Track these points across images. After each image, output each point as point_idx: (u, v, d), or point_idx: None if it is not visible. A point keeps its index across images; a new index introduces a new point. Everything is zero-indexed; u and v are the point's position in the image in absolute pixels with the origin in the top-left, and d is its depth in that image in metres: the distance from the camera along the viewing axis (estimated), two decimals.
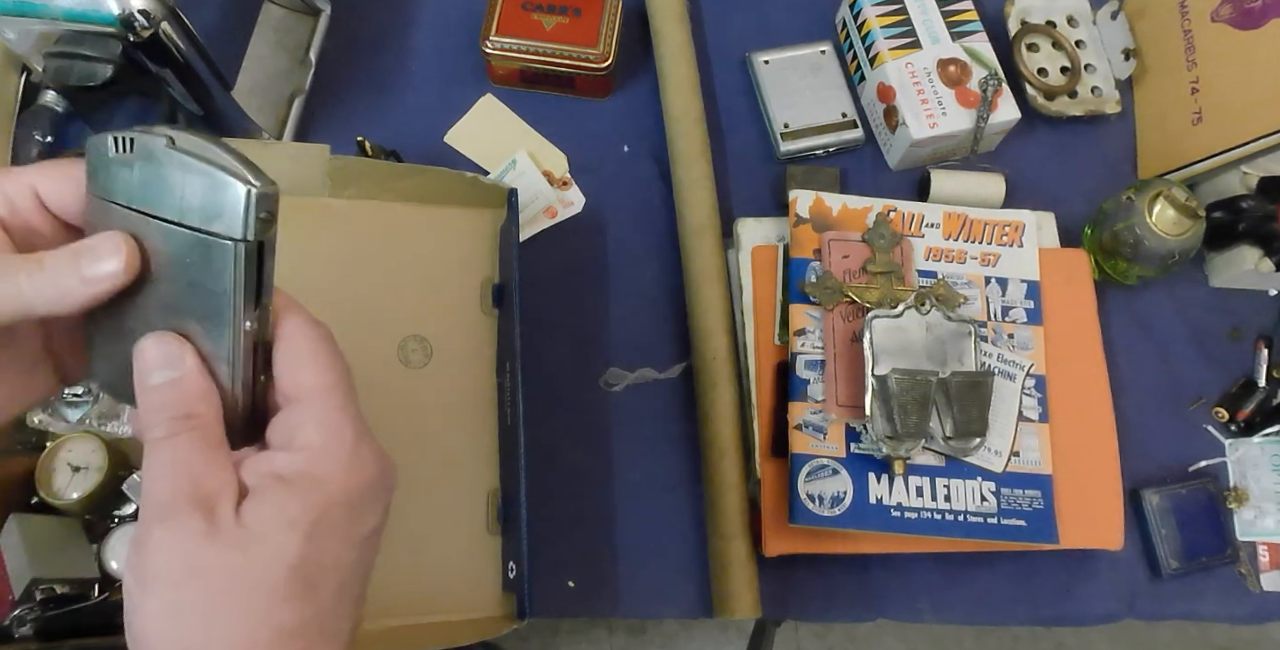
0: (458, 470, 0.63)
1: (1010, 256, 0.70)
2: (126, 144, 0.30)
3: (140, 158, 0.30)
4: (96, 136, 0.31)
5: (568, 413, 0.70)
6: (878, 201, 0.71)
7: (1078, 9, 0.82)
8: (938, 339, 0.64)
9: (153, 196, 0.31)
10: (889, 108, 0.75)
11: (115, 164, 0.31)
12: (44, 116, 0.70)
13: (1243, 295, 0.79)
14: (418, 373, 0.64)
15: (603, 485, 0.69)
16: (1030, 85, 0.78)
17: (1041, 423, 0.67)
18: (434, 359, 0.64)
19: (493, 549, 0.62)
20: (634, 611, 0.67)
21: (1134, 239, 0.70)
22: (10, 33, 0.58)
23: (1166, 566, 0.70)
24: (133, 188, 0.31)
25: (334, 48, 0.76)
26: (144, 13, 0.55)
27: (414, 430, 0.62)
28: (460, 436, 0.63)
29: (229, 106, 0.65)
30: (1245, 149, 0.70)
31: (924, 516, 0.63)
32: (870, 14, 0.76)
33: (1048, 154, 0.81)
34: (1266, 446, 0.73)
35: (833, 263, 0.68)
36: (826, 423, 0.64)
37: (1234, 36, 0.72)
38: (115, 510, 0.65)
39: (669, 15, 0.77)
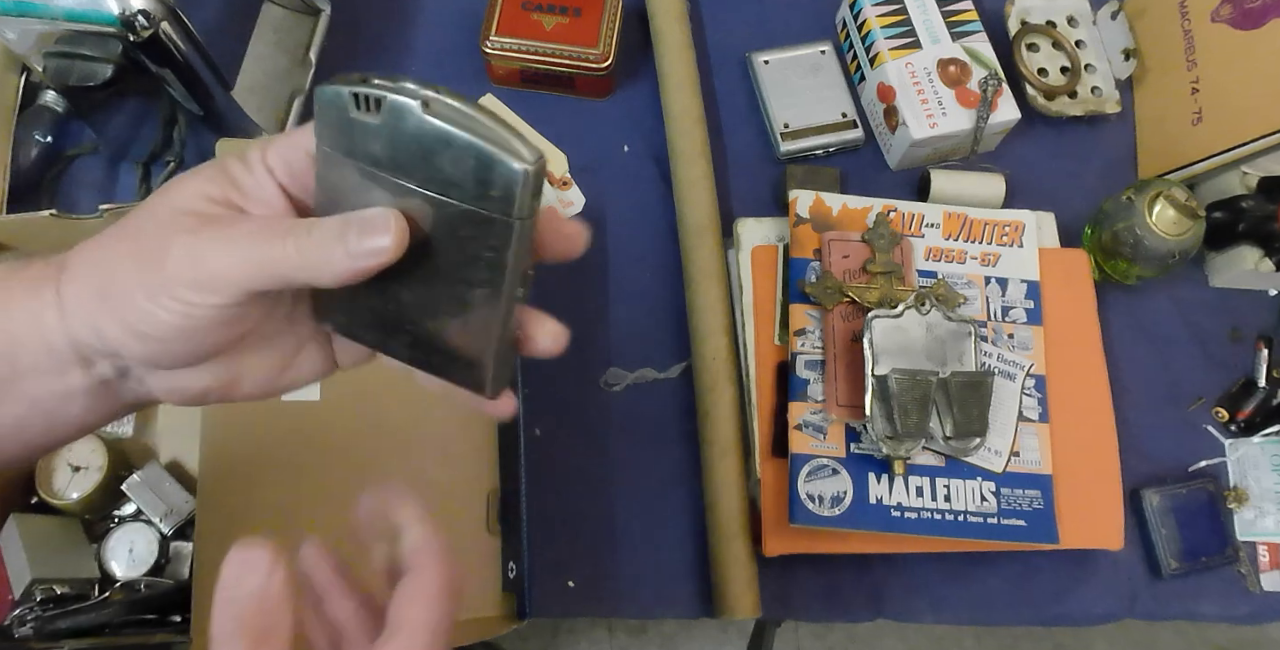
0: (458, 470, 0.63)
1: (1010, 256, 0.70)
2: (371, 103, 0.27)
3: (390, 120, 0.27)
4: (329, 89, 0.28)
5: (568, 413, 0.70)
6: (878, 201, 0.71)
7: (1078, 9, 0.82)
8: (938, 339, 0.64)
9: (406, 163, 0.28)
10: (889, 108, 0.75)
11: (358, 124, 0.28)
12: (44, 116, 0.70)
13: (1243, 295, 0.79)
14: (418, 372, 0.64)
15: (603, 485, 0.69)
16: (1030, 85, 0.78)
17: (1041, 423, 0.67)
18: None
19: (492, 549, 0.62)
20: (634, 611, 0.67)
21: (1134, 239, 0.70)
22: (10, 33, 0.58)
23: (1166, 566, 0.70)
24: (380, 151, 0.28)
25: (334, 48, 0.76)
26: (144, 13, 0.55)
27: (414, 430, 0.62)
28: (460, 436, 0.63)
29: (229, 106, 0.65)
30: (1245, 149, 0.70)
31: (924, 516, 0.63)
32: (870, 14, 0.76)
33: (1048, 154, 0.81)
34: (1266, 446, 0.73)
35: (833, 263, 0.68)
36: (826, 423, 0.64)
37: (1234, 36, 0.72)
38: (115, 510, 0.65)
39: (669, 15, 0.77)
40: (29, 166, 0.69)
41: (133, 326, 0.30)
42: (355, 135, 0.28)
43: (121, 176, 0.73)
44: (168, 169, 0.71)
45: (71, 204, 0.71)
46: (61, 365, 0.31)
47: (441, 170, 0.28)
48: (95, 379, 0.32)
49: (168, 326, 0.29)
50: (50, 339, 0.31)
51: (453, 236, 0.29)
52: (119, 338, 0.30)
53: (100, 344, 0.31)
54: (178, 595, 0.60)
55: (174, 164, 0.71)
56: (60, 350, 0.31)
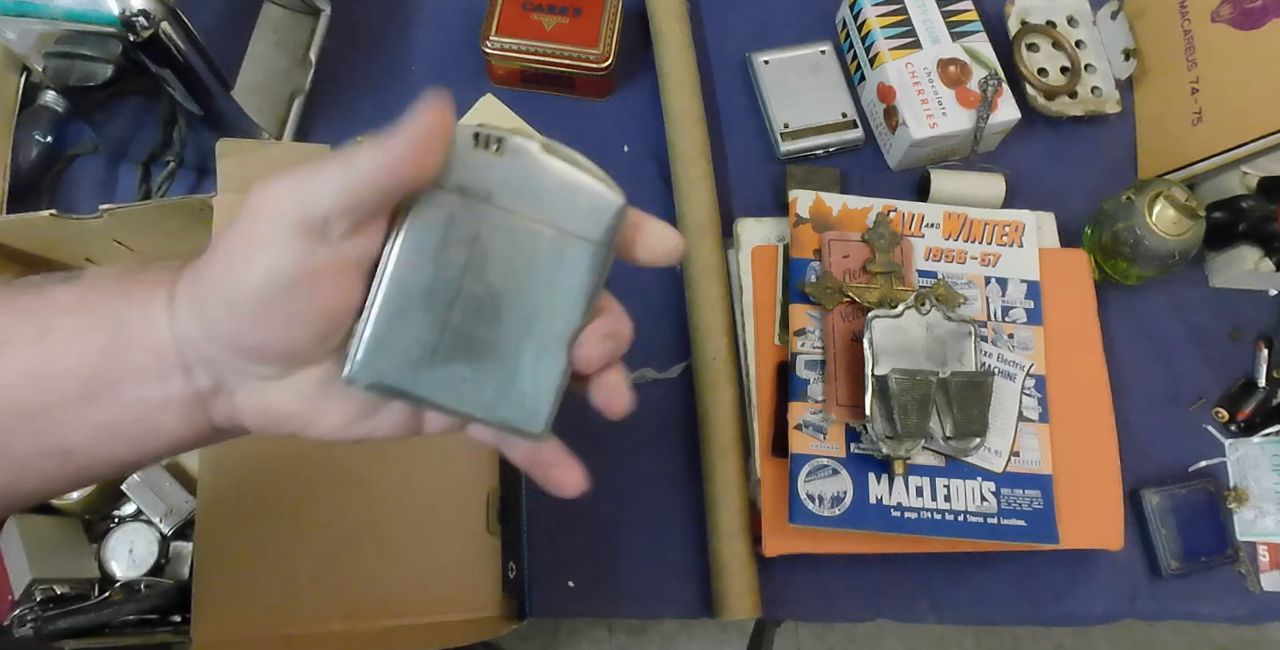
0: (457, 470, 0.62)
1: (1010, 256, 0.70)
2: (492, 141, 0.31)
3: (509, 156, 0.31)
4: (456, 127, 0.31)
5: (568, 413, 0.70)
6: (878, 201, 0.70)
7: (1078, 9, 0.82)
8: (938, 339, 0.64)
9: (511, 194, 0.32)
10: (889, 108, 0.75)
11: (473, 159, 0.31)
12: (44, 116, 0.70)
13: (1243, 295, 0.79)
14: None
15: (603, 485, 0.69)
16: (1030, 85, 0.78)
17: (1041, 423, 0.67)
18: None
19: (492, 549, 0.62)
20: (634, 611, 0.67)
21: (1134, 239, 0.70)
22: (10, 33, 0.58)
23: (1166, 566, 0.70)
24: (489, 183, 0.31)
25: (334, 48, 0.76)
26: (144, 13, 0.55)
27: None
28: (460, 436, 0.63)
29: (229, 106, 0.65)
30: (1245, 149, 0.70)
31: (924, 516, 0.63)
32: (870, 14, 0.76)
33: (1048, 154, 0.81)
34: (1266, 446, 0.73)
35: (833, 263, 0.68)
36: (826, 423, 0.64)
37: (1234, 36, 0.72)
38: (115, 510, 0.65)
39: (669, 15, 0.77)
40: (29, 166, 0.69)
41: (219, 293, 0.30)
42: (466, 169, 0.31)
43: (121, 176, 0.73)
44: (168, 169, 0.71)
45: (71, 204, 0.71)
46: (164, 370, 0.31)
47: (546, 202, 0.32)
48: (192, 390, 0.32)
49: (255, 287, 0.29)
50: (157, 339, 0.31)
51: (541, 263, 0.32)
52: (216, 318, 0.30)
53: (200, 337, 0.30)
54: (178, 595, 0.60)
55: (174, 164, 0.71)
56: (165, 353, 0.31)
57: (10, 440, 0.31)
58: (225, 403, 0.32)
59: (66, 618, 0.57)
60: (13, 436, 0.31)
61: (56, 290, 0.32)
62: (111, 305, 0.31)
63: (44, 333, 0.30)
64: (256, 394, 0.32)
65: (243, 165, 0.60)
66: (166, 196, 0.71)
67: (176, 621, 0.59)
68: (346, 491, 0.60)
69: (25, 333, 0.30)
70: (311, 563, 0.57)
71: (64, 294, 0.31)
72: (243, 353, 0.31)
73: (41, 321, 0.31)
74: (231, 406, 0.32)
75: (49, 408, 0.31)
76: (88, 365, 0.30)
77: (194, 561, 0.55)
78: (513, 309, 0.33)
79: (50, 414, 0.31)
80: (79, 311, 0.31)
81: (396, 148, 0.29)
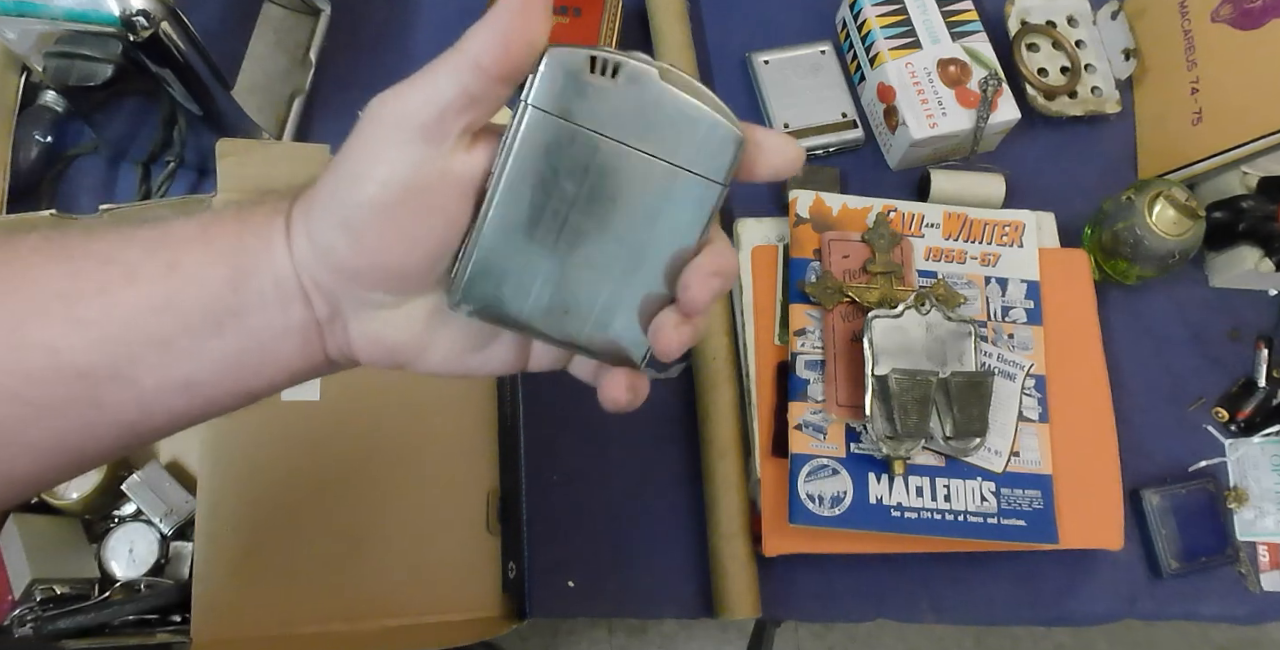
0: (458, 470, 0.63)
1: (1010, 256, 0.70)
2: (609, 67, 0.29)
3: (625, 84, 0.30)
4: (565, 50, 0.30)
5: (568, 413, 0.70)
6: (878, 201, 0.70)
7: (1078, 9, 0.82)
8: (938, 339, 0.64)
9: (626, 124, 0.30)
10: (889, 108, 0.75)
11: (589, 87, 0.30)
12: (44, 116, 0.70)
13: (1243, 295, 0.79)
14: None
15: (603, 485, 0.69)
16: (1030, 85, 0.78)
17: (1041, 423, 0.67)
18: None
19: (492, 549, 0.62)
20: (634, 611, 0.67)
21: (1134, 239, 0.70)
22: (10, 33, 0.58)
23: (1166, 566, 0.70)
24: (603, 112, 0.30)
25: (334, 48, 0.76)
26: (144, 13, 0.55)
27: (414, 430, 0.62)
28: (460, 436, 0.63)
29: (229, 106, 0.65)
30: (1245, 149, 0.70)
31: (924, 516, 0.63)
32: (870, 14, 0.76)
33: (1048, 154, 0.81)
34: (1266, 446, 0.73)
35: (833, 263, 0.68)
36: (826, 423, 0.64)
37: (1234, 36, 0.72)
38: (115, 510, 0.65)
39: (669, 15, 0.77)
40: (29, 166, 0.69)
41: (333, 213, 0.30)
42: (579, 96, 0.30)
43: (121, 176, 0.73)
44: (168, 169, 0.71)
45: (71, 204, 0.71)
46: (286, 297, 0.31)
47: (662, 133, 0.30)
48: (312, 318, 0.32)
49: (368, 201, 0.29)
50: (278, 267, 0.31)
51: (652, 196, 0.31)
52: (329, 241, 0.30)
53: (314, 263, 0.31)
54: (178, 595, 0.59)
55: (174, 164, 0.71)
56: (286, 281, 0.31)
57: (139, 373, 0.31)
58: (340, 332, 0.33)
59: (66, 618, 0.57)
60: (141, 369, 0.31)
61: (176, 224, 0.32)
62: (232, 237, 0.31)
63: (171, 265, 0.31)
64: (369, 324, 0.32)
65: (243, 165, 0.60)
66: (166, 196, 0.71)
67: (176, 621, 0.59)
68: (346, 491, 0.60)
69: (153, 265, 0.31)
70: (311, 563, 0.57)
71: (185, 227, 0.32)
72: (355, 276, 0.31)
73: (167, 254, 0.31)
74: (346, 337, 0.33)
75: (176, 338, 0.31)
76: (214, 295, 0.31)
77: (194, 561, 0.55)
78: (620, 240, 0.32)
79: (178, 345, 0.31)
80: (202, 244, 0.31)
81: (499, 18, 0.28)
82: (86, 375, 0.30)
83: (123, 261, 0.31)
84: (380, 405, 0.62)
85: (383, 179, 0.29)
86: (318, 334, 0.32)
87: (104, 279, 0.30)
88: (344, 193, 0.30)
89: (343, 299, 0.32)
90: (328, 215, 0.30)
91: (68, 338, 0.30)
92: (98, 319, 0.30)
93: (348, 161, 0.30)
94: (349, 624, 0.57)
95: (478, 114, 0.29)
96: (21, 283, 0.30)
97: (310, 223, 0.30)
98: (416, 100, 0.29)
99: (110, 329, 0.30)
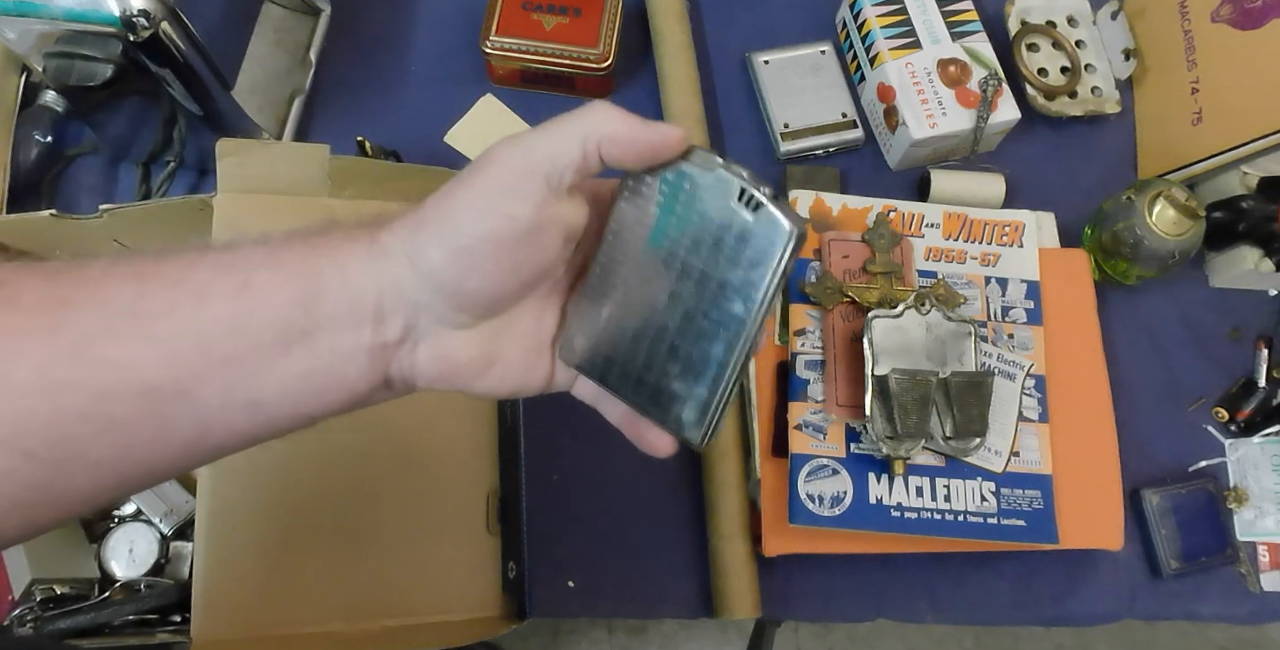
0: (457, 470, 0.63)
1: (1010, 256, 0.70)
2: (753, 204, 0.33)
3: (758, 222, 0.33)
4: (725, 172, 0.33)
5: (568, 413, 0.70)
6: (878, 201, 0.71)
7: (1078, 9, 0.82)
8: (938, 339, 0.64)
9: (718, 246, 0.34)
10: (889, 108, 0.75)
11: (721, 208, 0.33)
12: (44, 116, 0.70)
13: (1243, 295, 0.79)
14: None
15: (603, 485, 0.69)
16: (1030, 85, 0.78)
17: (1041, 423, 0.67)
18: None
19: (492, 549, 0.62)
20: (634, 611, 0.67)
21: (1134, 239, 0.70)
22: (10, 33, 0.58)
23: (1166, 566, 0.70)
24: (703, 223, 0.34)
25: (334, 48, 0.76)
26: (144, 13, 0.55)
27: (414, 430, 0.62)
28: (460, 436, 0.63)
29: (229, 106, 0.65)
30: (1245, 149, 0.70)
31: (924, 516, 0.63)
32: (870, 14, 0.76)
33: (1048, 154, 0.81)
34: (1266, 446, 0.73)
35: (833, 263, 0.68)
36: (826, 423, 0.64)
37: (1234, 36, 0.72)
38: (115, 510, 0.65)
39: (669, 15, 0.77)
40: (29, 166, 0.69)
41: (450, 240, 0.32)
42: (698, 207, 0.34)
43: (121, 176, 0.73)
44: (168, 169, 0.71)
45: (71, 204, 0.71)
46: (358, 319, 0.33)
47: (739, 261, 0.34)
48: (380, 340, 0.33)
49: (486, 232, 0.32)
50: (353, 288, 0.32)
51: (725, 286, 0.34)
52: (439, 264, 0.32)
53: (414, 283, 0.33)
54: (178, 595, 0.59)
55: (174, 164, 0.71)
56: (361, 302, 0.32)
57: (203, 392, 0.31)
58: (407, 353, 0.34)
59: (66, 618, 0.57)
60: (206, 387, 0.31)
61: (244, 248, 0.33)
62: (303, 261, 0.33)
63: (243, 285, 0.32)
64: (443, 342, 0.34)
65: (243, 165, 0.60)
66: (166, 196, 0.71)
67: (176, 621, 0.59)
68: (346, 491, 0.60)
69: (225, 284, 0.32)
70: (311, 563, 0.57)
71: (255, 252, 0.33)
72: (455, 296, 0.33)
73: (239, 275, 0.32)
74: (412, 357, 0.34)
75: (245, 357, 0.31)
76: (284, 316, 0.32)
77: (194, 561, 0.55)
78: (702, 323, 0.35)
79: (245, 363, 0.32)
80: (272, 266, 0.32)
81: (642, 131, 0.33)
82: (154, 392, 0.31)
83: (193, 281, 0.32)
84: (381, 406, 0.61)
85: (512, 214, 0.32)
86: (383, 355, 0.34)
87: (174, 298, 0.31)
88: (467, 223, 0.32)
89: (429, 318, 0.34)
90: (442, 241, 0.32)
91: (139, 355, 0.30)
92: (168, 337, 0.31)
93: (470, 194, 0.32)
94: (349, 624, 0.57)
95: (586, 175, 0.33)
96: (93, 302, 0.31)
97: (417, 247, 0.33)
98: (539, 152, 0.32)
99: (180, 347, 0.31)
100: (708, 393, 0.36)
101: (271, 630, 0.55)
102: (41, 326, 0.30)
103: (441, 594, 0.60)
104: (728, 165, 0.33)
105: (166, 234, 0.63)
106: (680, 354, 0.36)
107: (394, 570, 0.59)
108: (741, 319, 0.34)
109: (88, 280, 0.31)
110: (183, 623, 0.59)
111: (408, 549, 0.59)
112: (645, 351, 0.37)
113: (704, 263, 0.34)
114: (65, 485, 0.31)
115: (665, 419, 0.37)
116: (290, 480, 0.59)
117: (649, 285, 0.36)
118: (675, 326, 0.36)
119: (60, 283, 0.31)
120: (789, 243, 0.32)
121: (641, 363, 0.37)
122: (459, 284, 0.33)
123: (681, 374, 0.36)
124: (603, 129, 0.32)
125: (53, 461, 0.30)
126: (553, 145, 0.32)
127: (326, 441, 0.60)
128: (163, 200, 0.68)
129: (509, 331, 0.36)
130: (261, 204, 0.61)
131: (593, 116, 0.33)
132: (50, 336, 0.30)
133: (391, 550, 0.59)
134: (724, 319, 0.34)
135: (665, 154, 0.33)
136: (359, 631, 0.56)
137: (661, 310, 0.36)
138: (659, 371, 0.37)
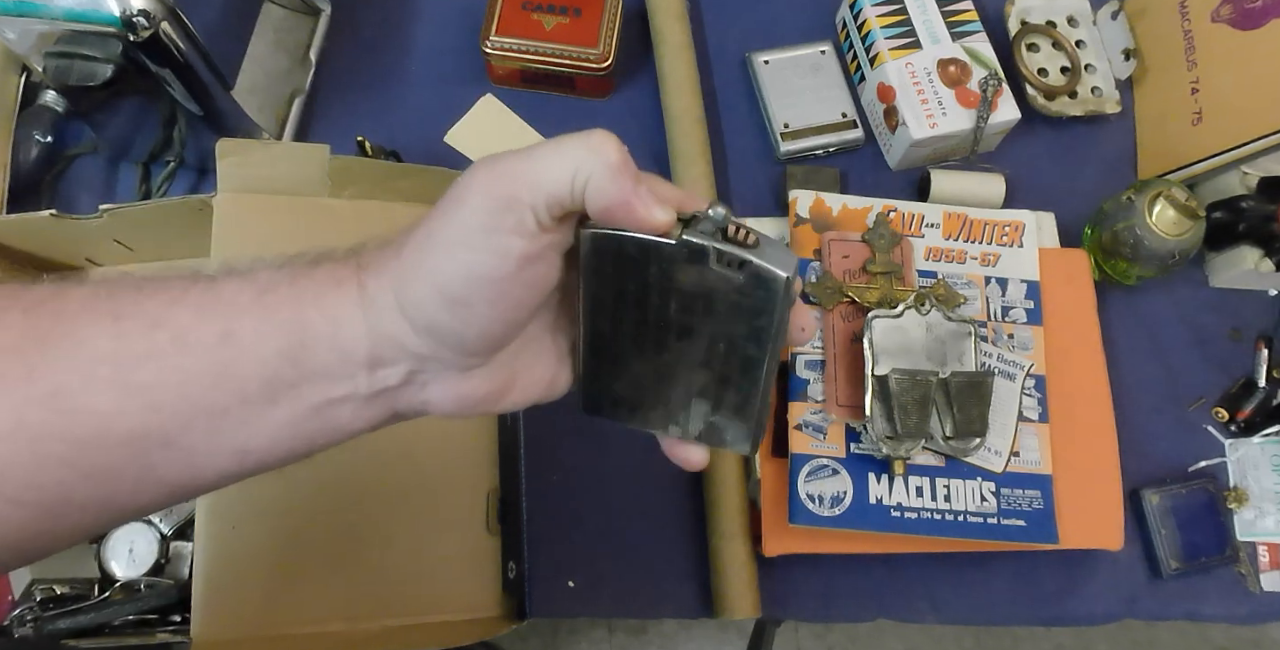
0: (457, 470, 0.63)
1: (1010, 256, 0.70)
2: (735, 264, 0.31)
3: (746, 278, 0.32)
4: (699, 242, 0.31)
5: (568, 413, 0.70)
6: (878, 201, 0.70)
7: (1078, 9, 0.82)
8: (938, 339, 0.64)
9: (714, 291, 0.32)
10: (889, 108, 0.75)
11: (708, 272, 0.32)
12: (44, 116, 0.70)
13: (1243, 295, 0.79)
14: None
15: (603, 485, 0.69)
16: (1030, 85, 0.78)
17: (1041, 423, 0.67)
18: None
19: (492, 549, 0.62)
20: (634, 611, 0.67)
21: (1134, 239, 0.70)
22: (10, 33, 0.58)
23: (1166, 567, 0.70)
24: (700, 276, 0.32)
25: (334, 48, 0.76)
26: (144, 13, 0.55)
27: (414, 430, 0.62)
28: (460, 436, 0.63)
29: (229, 106, 0.65)
30: (1245, 149, 0.70)
31: (924, 516, 0.63)
32: (870, 14, 0.76)
33: (1048, 154, 0.81)
34: (1266, 446, 0.73)
35: (833, 263, 0.68)
36: (826, 423, 0.64)
37: (1234, 36, 0.72)
38: None
39: (669, 15, 0.77)
40: (29, 166, 0.69)
41: (443, 290, 0.29)
42: (676, 276, 0.32)
43: (121, 176, 0.73)
44: (168, 169, 0.71)
45: (71, 204, 0.71)
46: (350, 369, 0.31)
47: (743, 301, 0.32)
48: (375, 387, 0.32)
49: (479, 276, 0.29)
50: (343, 339, 0.30)
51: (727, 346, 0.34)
52: (430, 313, 0.30)
53: (407, 334, 0.30)
54: (178, 595, 0.59)
55: (174, 164, 0.71)
56: (352, 352, 0.31)
57: (188, 440, 0.30)
58: (415, 392, 0.33)
59: (66, 618, 0.57)
60: (194, 436, 0.30)
61: (229, 287, 0.31)
62: (290, 308, 0.31)
63: (227, 334, 0.30)
64: (455, 384, 0.33)
65: (243, 165, 0.60)
66: (166, 196, 0.71)
67: (176, 621, 0.59)
68: (346, 491, 0.60)
69: (207, 333, 0.30)
70: (311, 563, 0.57)
71: (240, 293, 0.31)
72: (463, 345, 0.31)
73: (221, 322, 0.30)
74: (422, 394, 0.33)
75: (231, 408, 0.30)
76: (271, 369, 0.30)
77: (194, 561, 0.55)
78: (720, 369, 0.35)
79: (232, 414, 0.30)
80: (258, 313, 0.31)
81: (629, 193, 0.29)
82: (138, 440, 0.30)
83: (173, 325, 0.30)
84: None
85: (502, 250, 0.29)
86: (383, 398, 0.32)
87: (153, 343, 0.30)
88: (456, 267, 0.29)
89: (433, 365, 0.32)
90: (433, 291, 0.30)
91: (119, 404, 0.29)
92: (149, 385, 0.30)
93: (453, 231, 0.29)
94: (349, 624, 0.57)
95: (568, 211, 0.30)
96: (69, 345, 0.29)
97: (409, 299, 0.30)
98: (524, 182, 0.29)
99: (162, 396, 0.30)
100: (743, 420, 0.36)
101: (271, 630, 0.55)
102: (18, 373, 0.29)
103: (441, 594, 0.60)
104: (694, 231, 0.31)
105: (166, 234, 0.63)
106: (709, 395, 0.36)
107: (394, 570, 0.59)
108: (759, 359, 0.33)
109: (65, 315, 0.30)
110: (183, 623, 0.59)
111: (408, 549, 0.59)
112: (671, 399, 0.36)
113: (701, 323, 0.33)
114: (53, 525, 0.31)
115: (709, 443, 0.37)
116: (290, 480, 0.59)
117: (653, 346, 0.35)
118: (695, 375, 0.35)
119: (40, 316, 0.30)
120: (786, 289, 0.31)
121: (671, 407, 0.37)
122: (461, 335, 0.31)
123: (714, 410, 0.36)
124: (597, 169, 0.29)
125: (38, 505, 0.30)
126: (539, 174, 0.29)
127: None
128: (163, 200, 0.68)
129: (524, 351, 0.34)
130: (261, 204, 0.61)
131: (592, 150, 0.29)
132: (26, 384, 0.29)
133: (391, 550, 0.59)
134: (742, 363, 0.34)
135: (641, 231, 0.31)
136: (359, 631, 0.56)
137: (674, 363, 0.35)
138: (691, 412, 0.36)
